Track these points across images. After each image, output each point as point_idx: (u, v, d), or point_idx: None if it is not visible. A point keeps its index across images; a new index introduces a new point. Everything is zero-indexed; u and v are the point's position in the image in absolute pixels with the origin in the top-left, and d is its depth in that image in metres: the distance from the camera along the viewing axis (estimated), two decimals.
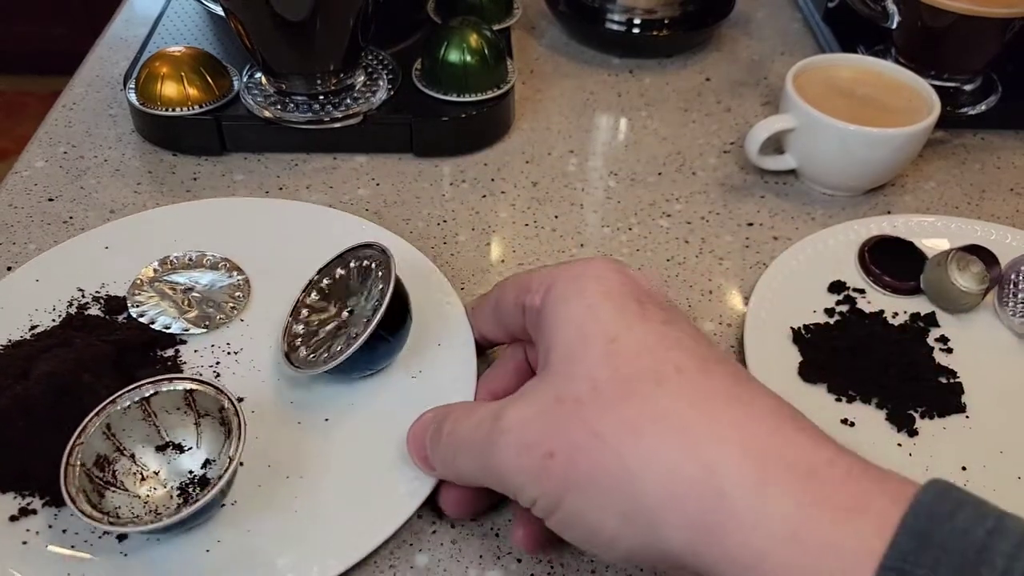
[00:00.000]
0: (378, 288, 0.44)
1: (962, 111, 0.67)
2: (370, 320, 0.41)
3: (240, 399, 0.42)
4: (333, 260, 0.47)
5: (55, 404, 0.40)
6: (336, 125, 0.61)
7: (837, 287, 0.53)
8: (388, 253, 0.44)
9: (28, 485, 0.40)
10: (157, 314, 0.48)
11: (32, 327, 0.47)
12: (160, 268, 0.50)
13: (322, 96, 0.61)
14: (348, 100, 0.61)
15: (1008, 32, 0.62)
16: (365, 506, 0.40)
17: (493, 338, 0.45)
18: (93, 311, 0.48)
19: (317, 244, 0.49)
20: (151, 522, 0.36)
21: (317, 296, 0.47)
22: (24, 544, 0.38)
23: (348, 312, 0.45)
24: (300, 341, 0.45)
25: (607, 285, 0.35)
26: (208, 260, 0.51)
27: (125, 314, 0.48)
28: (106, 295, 0.49)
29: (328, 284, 0.47)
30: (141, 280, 0.50)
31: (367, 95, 0.62)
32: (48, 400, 0.40)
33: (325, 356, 0.43)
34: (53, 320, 0.47)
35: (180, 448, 0.40)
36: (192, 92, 0.59)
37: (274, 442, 0.42)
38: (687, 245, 0.57)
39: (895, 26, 0.67)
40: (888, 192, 0.62)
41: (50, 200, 0.58)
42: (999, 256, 0.52)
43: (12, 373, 0.42)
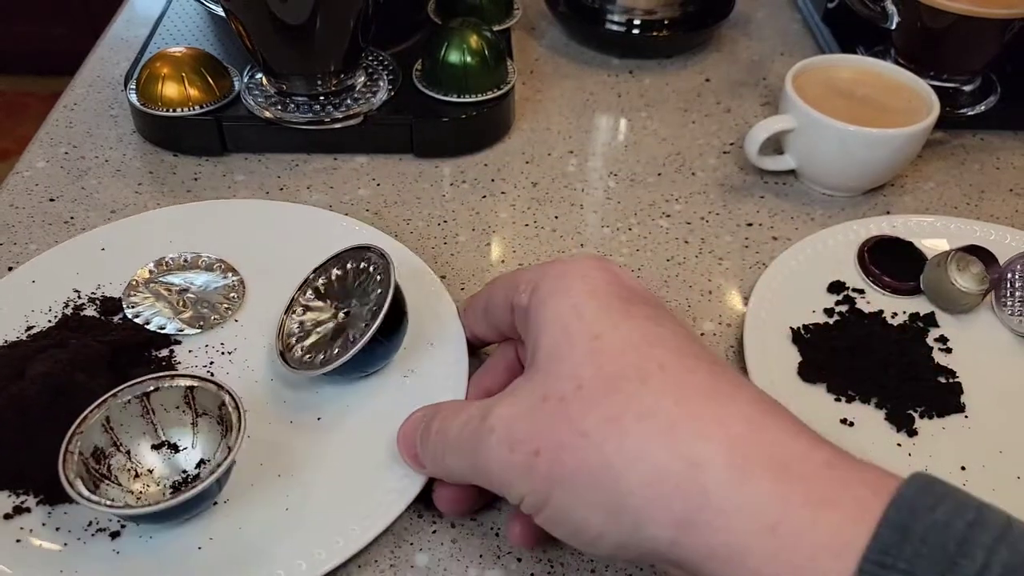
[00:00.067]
0: (376, 292, 0.44)
1: (961, 112, 0.66)
2: (369, 324, 0.42)
3: None
4: (329, 260, 0.47)
5: (50, 404, 0.40)
6: (337, 126, 0.61)
7: (836, 287, 0.52)
8: (388, 258, 0.44)
9: (23, 484, 0.40)
10: (152, 315, 0.48)
11: (28, 328, 0.47)
12: (156, 269, 0.51)
13: (323, 97, 0.61)
14: (349, 101, 0.61)
15: (1007, 33, 0.62)
16: (356, 504, 0.40)
17: (484, 337, 0.45)
18: (89, 312, 0.48)
19: (311, 246, 0.49)
20: (148, 504, 0.36)
21: (312, 295, 0.47)
22: (18, 542, 0.38)
23: (344, 313, 0.45)
24: (295, 340, 0.45)
25: (592, 283, 0.35)
26: (203, 261, 0.51)
27: (120, 315, 0.48)
28: (102, 296, 0.49)
29: (324, 283, 0.47)
30: (137, 281, 0.50)
31: (367, 96, 0.62)
32: (43, 400, 0.40)
33: (322, 358, 0.43)
34: (49, 321, 0.47)
35: (175, 448, 0.41)
36: (193, 93, 0.60)
37: (266, 441, 0.42)
38: (687, 245, 0.57)
39: (894, 27, 0.67)
40: (887, 192, 0.62)
41: (51, 200, 0.58)
42: (999, 256, 0.52)
43: (8, 373, 0.42)
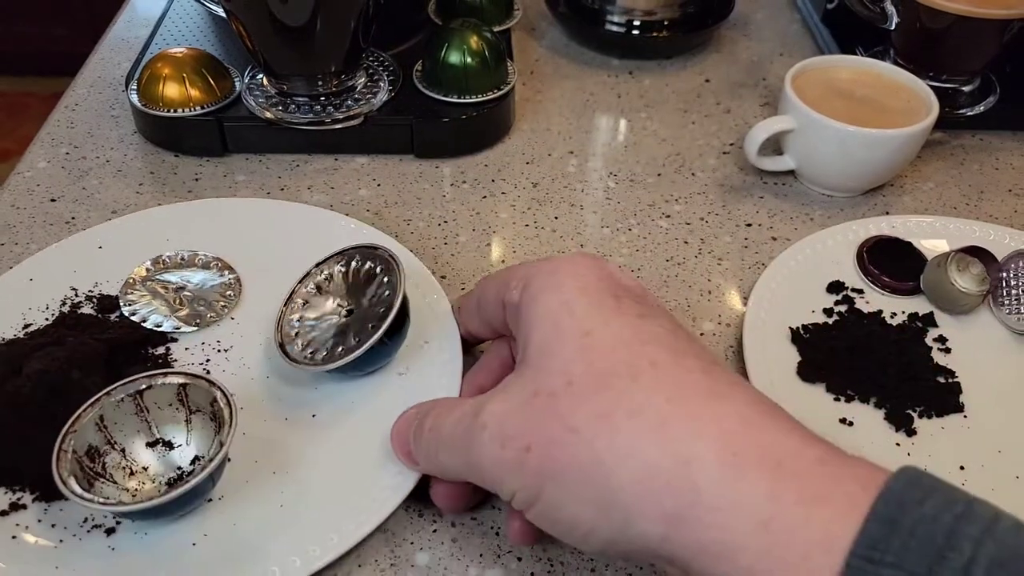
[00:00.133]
0: (384, 293, 0.44)
1: (960, 112, 0.66)
2: (376, 325, 0.42)
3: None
4: (333, 256, 0.47)
5: (46, 401, 0.40)
6: (337, 126, 0.61)
7: (836, 287, 0.52)
8: (396, 260, 0.44)
9: (19, 480, 0.40)
10: (149, 312, 0.48)
11: (25, 325, 0.47)
12: (153, 267, 0.51)
13: (323, 97, 0.61)
14: (349, 101, 0.62)
15: (1006, 33, 0.62)
16: (350, 501, 0.40)
17: (478, 334, 0.45)
18: (86, 310, 0.48)
19: (308, 245, 0.50)
20: (142, 501, 0.36)
21: (314, 289, 0.47)
22: (13, 538, 0.38)
23: (347, 311, 0.46)
24: (295, 334, 0.45)
25: (583, 280, 0.35)
26: (200, 259, 0.51)
27: (117, 313, 0.48)
28: (99, 294, 0.49)
29: (326, 279, 0.47)
30: (134, 279, 0.50)
31: (368, 96, 0.62)
32: (39, 397, 0.40)
33: (324, 355, 0.44)
34: (46, 319, 0.47)
35: (170, 445, 0.41)
36: (194, 93, 0.60)
37: (261, 438, 0.42)
38: (686, 246, 0.57)
39: (894, 27, 0.66)
40: (887, 193, 0.61)
41: (52, 201, 0.58)
42: (998, 257, 0.52)
43: (5, 371, 0.42)
